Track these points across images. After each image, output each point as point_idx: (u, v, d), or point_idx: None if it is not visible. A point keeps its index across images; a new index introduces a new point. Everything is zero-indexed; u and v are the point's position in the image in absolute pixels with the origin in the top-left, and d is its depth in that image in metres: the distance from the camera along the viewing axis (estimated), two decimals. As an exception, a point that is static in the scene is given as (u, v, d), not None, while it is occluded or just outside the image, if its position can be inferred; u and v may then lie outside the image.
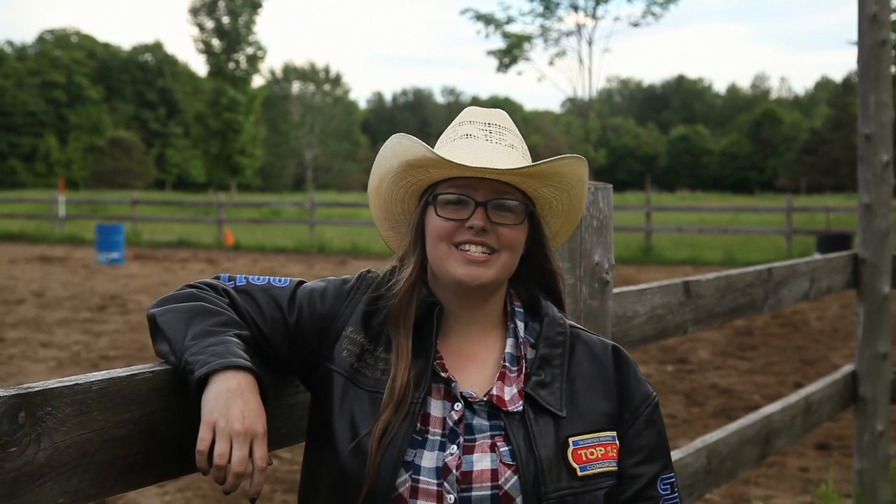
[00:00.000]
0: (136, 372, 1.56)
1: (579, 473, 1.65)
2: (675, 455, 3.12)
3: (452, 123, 1.79)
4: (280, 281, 1.80)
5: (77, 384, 1.45)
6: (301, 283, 1.81)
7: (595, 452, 1.67)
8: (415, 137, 1.70)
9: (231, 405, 1.52)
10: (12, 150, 76.78)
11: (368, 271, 1.82)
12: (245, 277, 1.79)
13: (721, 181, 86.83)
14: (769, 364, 9.58)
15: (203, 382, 1.54)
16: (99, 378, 1.49)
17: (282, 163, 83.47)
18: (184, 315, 1.64)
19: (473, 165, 1.65)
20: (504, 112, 1.79)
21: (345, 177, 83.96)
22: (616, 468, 1.70)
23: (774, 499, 5.53)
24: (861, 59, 4.69)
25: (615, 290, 2.68)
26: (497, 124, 1.75)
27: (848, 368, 4.71)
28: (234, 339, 1.62)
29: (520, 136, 1.79)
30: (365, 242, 23.40)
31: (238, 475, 1.50)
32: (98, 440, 1.48)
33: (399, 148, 1.73)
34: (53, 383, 1.42)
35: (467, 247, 1.68)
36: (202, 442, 1.50)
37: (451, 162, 1.65)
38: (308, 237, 25.23)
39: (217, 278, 1.79)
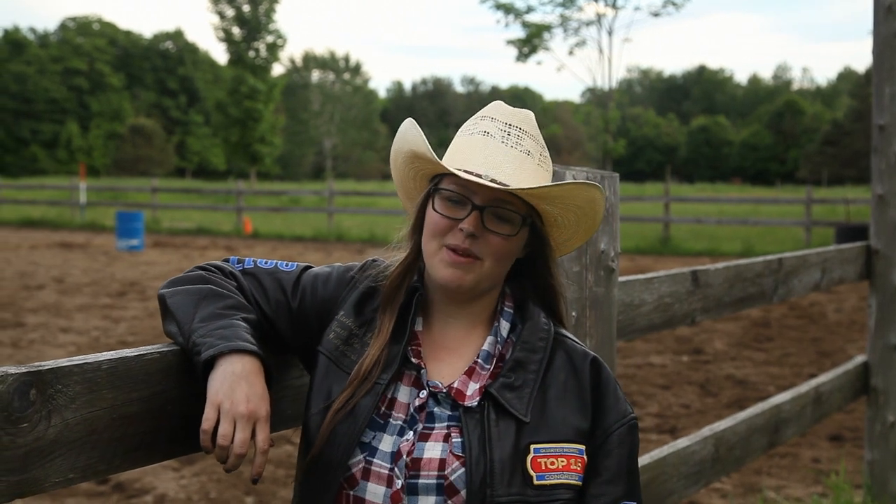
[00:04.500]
0: (145, 352, 1.60)
1: (535, 482, 1.60)
2: (682, 443, 3.14)
3: (476, 115, 1.75)
4: (287, 265, 1.82)
5: (87, 363, 1.48)
6: (307, 267, 1.82)
7: (556, 463, 1.62)
8: (420, 130, 1.68)
9: (236, 388, 1.55)
10: (34, 137, 77.28)
11: (374, 260, 1.83)
12: (253, 261, 1.81)
13: (741, 172, 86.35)
14: (785, 356, 9.56)
15: (209, 364, 1.58)
16: (108, 357, 1.53)
17: (301, 151, 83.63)
18: (193, 297, 1.67)
19: (467, 177, 1.63)
20: (530, 114, 1.74)
21: (364, 166, 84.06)
22: (578, 483, 1.63)
23: (786, 489, 5.54)
24: (876, 50, 4.68)
25: (622, 279, 2.70)
26: (518, 126, 1.70)
27: (860, 359, 4.71)
28: (242, 323, 1.64)
29: (541, 141, 1.74)
30: (383, 231, 23.44)
31: (240, 456, 1.53)
32: (107, 418, 1.52)
33: (409, 135, 1.72)
34: (64, 362, 1.46)
35: (454, 249, 1.66)
36: (206, 422, 1.54)
37: (447, 169, 1.65)
38: (326, 225, 25.30)
39: (226, 261, 1.81)
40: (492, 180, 1.64)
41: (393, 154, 1.81)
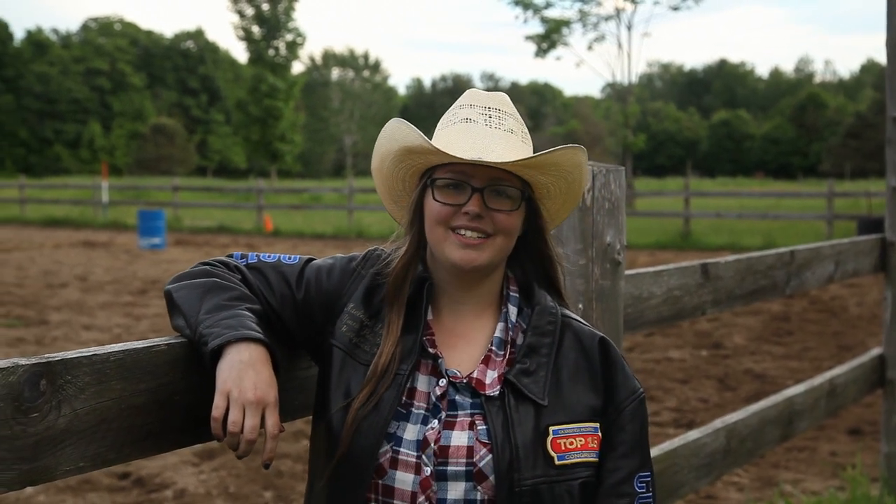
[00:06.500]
0: (153, 344, 1.64)
1: (556, 462, 1.67)
2: (693, 434, 3.15)
3: (453, 106, 1.81)
4: (290, 258, 1.85)
5: (96, 354, 1.52)
6: (310, 260, 1.86)
7: (575, 442, 1.68)
8: (411, 125, 1.72)
9: (244, 375, 1.58)
10: (57, 137, 77.87)
11: (375, 249, 1.86)
12: (256, 255, 1.85)
13: (763, 166, 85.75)
14: (805, 350, 9.52)
15: (217, 354, 1.61)
16: (117, 349, 1.57)
17: (321, 149, 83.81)
18: (198, 290, 1.71)
19: (468, 158, 1.67)
20: (505, 95, 1.81)
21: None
22: (595, 460, 1.71)
23: (804, 482, 5.53)
24: (890, 42, 4.66)
25: (631, 272, 2.72)
26: (497, 108, 1.77)
27: (876, 352, 4.70)
28: (247, 313, 1.68)
29: (520, 119, 1.80)
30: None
31: (250, 442, 1.57)
32: (116, 408, 1.56)
33: (398, 133, 1.76)
34: (73, 353, 1.50)
35: (463, 231, 1.71)
36: (217, 410, 1.57)
37: (447, 154, 1.68)
38: (347, 223, 25.37)
39: (230, 256, 1.85)
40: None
41: (379, 157, 1.83)
